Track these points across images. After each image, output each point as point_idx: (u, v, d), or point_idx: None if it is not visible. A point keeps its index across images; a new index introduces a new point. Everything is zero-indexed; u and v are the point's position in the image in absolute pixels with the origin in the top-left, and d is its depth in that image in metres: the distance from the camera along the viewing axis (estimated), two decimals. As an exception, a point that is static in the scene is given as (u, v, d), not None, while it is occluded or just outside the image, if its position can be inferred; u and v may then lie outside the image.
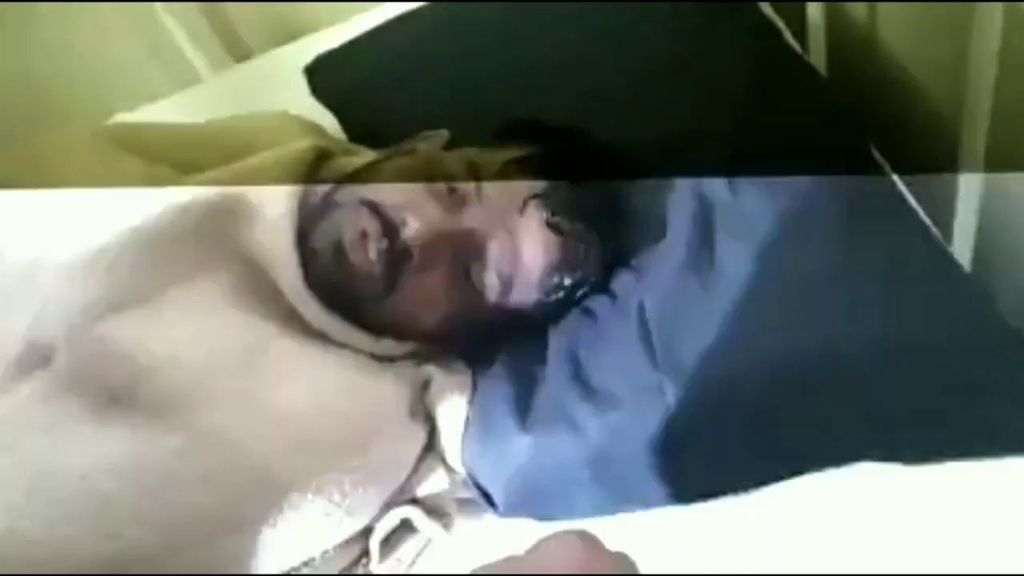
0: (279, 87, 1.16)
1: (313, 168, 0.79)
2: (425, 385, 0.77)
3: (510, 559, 0.51)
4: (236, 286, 0.72)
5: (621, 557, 0.50)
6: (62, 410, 0.67)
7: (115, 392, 0.67)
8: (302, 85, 1.13)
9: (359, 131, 1.04)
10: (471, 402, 0.77)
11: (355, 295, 0.73)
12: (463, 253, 0.75)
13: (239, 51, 1.34)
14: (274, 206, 0.74)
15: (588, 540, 0.51)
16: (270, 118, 0.95)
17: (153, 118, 1.08)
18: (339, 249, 0.73)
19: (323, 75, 1.12)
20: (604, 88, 0.93)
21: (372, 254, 0.72)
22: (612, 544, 0.52)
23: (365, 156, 0.87)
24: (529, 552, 0.50)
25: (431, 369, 0.78)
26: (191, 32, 1.29)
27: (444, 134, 0.84)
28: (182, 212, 0.72)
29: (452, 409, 0.76)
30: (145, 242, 0.71)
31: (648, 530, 0.70)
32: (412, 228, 0.72)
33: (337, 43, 1.16)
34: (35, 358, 0.68)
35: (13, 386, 0.68)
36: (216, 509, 0.66)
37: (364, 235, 0.72)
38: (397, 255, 0.72)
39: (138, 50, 1.30)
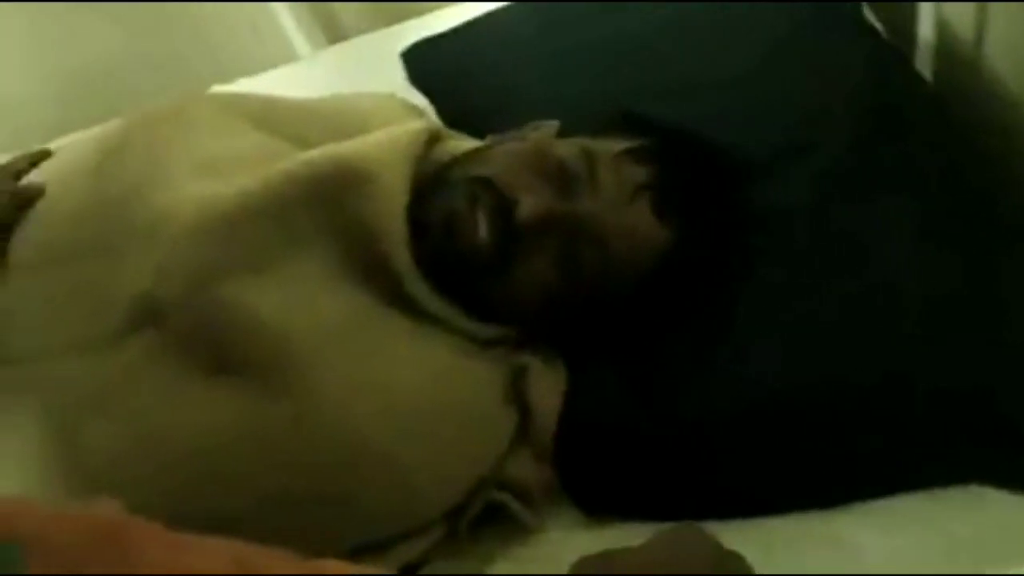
0: (374, 70, 1.17)
1: (426, 149, 0.80)
2: (521, 372, 0.77)
3: (631, 551, 0.50)
4: (346, 259, 0.73)
5: (739, 556, 0.50)
6: (173, 371, 0.68)
7: (227, 356, 0.68)
8: (397, 69, 1.15)
9: (455, 119, 1.04)
10: (565, 392, 0.77)
11: (462, 272, 0.74)
12: (573, 237, 0.74)
13: (337, 33, 1.36)
14: (388, 180, 0.74)
15: (710, 536, 0.51)
16: (379, 98, 0.96)
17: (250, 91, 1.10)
18: (450, 224, 0.73)
19: (421, 61, 1.13)
20: (707, 84, 0.93)
21: (483, 231, 0.72)
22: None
23: (472, 143, 0.88)
24: (653, 545, 0.50)
25: (528, 356, 0.78)
26: (294, 11, 1.30)
27: (555, 124, 0.85)
28: (301, 181, 0.73)
29: (547, 397, 0.76)
30: (265, 208, 0.72)
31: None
32: (525, 208, 0.73)
33: (434, 31, 1.18)
34: (147, 314, 0.70)
35: (122, 342, 0.70)
36: (319, 479, 0.67)
37: (476, 212, 0.73)
38: (508, 234, 0.73)
39: (240, 25, 1.33)
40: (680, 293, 0.79)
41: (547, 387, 0.77)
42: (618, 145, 0.79)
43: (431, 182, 0.77)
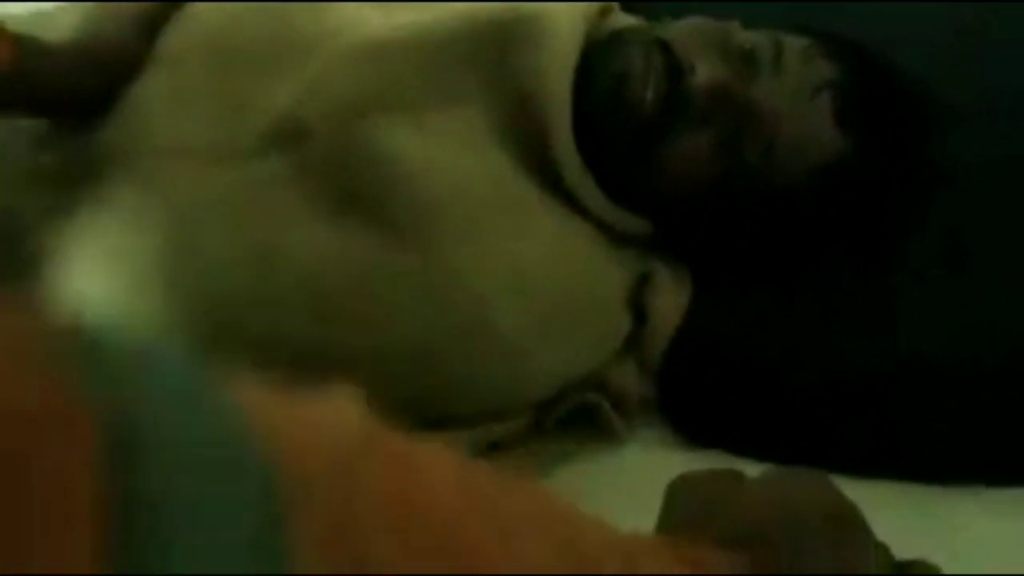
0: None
1: (599, 18, 0.75)
2: (646, 278, 0.73)
3: (741, 477, 0.46)
4: (501, 121, 0.69)
5: (860, 513, 0.46)
6: (304, 198, 0.66)
7: (361, 194, 0.66)
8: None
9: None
10: (686, 308, 0.73)
11: (619, 136, 0.69)
12: (742, 120, 0.69)
13: None
14: (560, 38, 0.69)
15: (833, 485, 0.47)
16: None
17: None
18: (619, 81, 0.68)
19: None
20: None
21: (650, 91, 0.68)
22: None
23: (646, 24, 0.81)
24: (768, 479, 0.46)
25: (656, 262, 0.74)
26: None
27: (735, 24, 0.78)
28: (471, 23, 0.69)
29: (666, 310, 0.73)
30: (429, 46, 0.69)
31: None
32: (700, 76, 0.68)
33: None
34: (289, 135, 0.67)
35: (259, 157, 0.68)
36: (429, 338, 0.65)
37: (648, 72, 0.68)
38: (675, 100, 0.68)
39: None
40: (839, 217, 0.73)
41: (669, 299, 0.73)
42: (808, 40, 0.73)
43: (602, 45, 0.72)
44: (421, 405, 0.67)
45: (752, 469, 0.68)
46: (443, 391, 0.67)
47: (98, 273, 0.64)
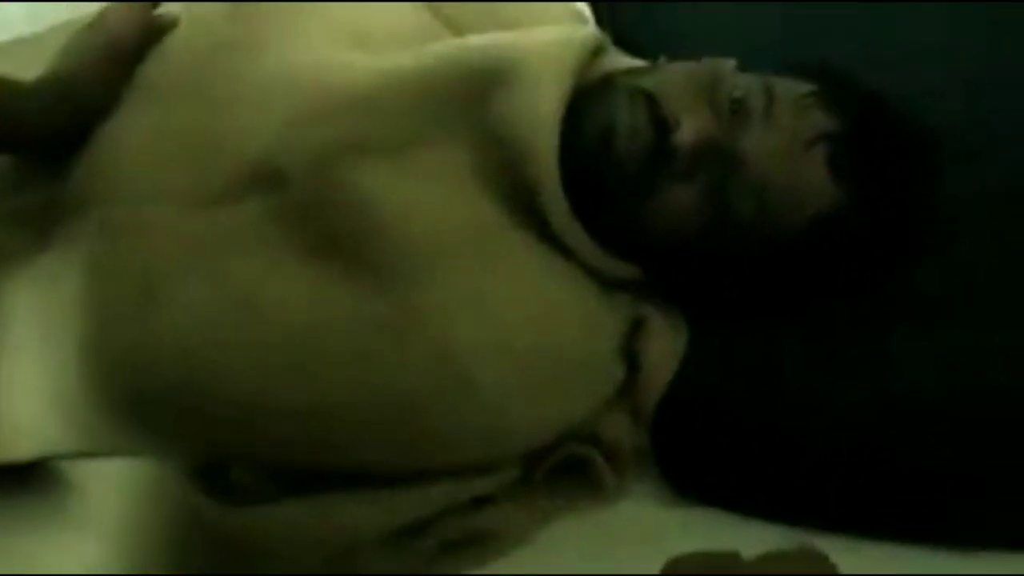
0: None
1: (591, 60, 0.73)
2: (639, 324, 0.71)
3: (737, 561, 0.43)
4: (485, 163, 0.67)
5: None
6: (280, 244, 0.64)
7: (339, 240, 0.63)
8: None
9: (617, 40, 0.96)
10: (682, 355, 0.70)
11: (604, 189, 0.67)
12: (730, 173, 0.67)
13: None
14: (547, 83, 0.67)
15: (828, 560, 0.44)
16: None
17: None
18: (607, 136, 0.66)
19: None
20: (917, 51, 0.82)
21: (635, 148, 0.66)
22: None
23: (637, 63, 0.80)
24: (766, 563, 0.43)
25: (649, 308, 0.71)
26: None
27: (731, 63, 0.76)
28: (455, 66, 0.67)
29: (660, 358, 0.70)
30: (412, 89, 0.66)
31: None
32: (684, 131, 0.66)
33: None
34: (265, 180, 0.65)
35: (234, 202, 0.65)
36: (404, 388, 0.62)
37: (632, 126, 0.66)
38: (660, 155, 0.66)
39: None
40: (834, 266, 0.71)
41: (663, 347, 0.70)
42: (805, 88, 0.71)
43: (589, 93, 0.70)
44: (402, 457, 0.64)
45: (751, 528, 0.67)
46: (422, 444, 0.64)
47: (61, 326, 0.62)
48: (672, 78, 0.70)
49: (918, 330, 0.69)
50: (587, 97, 0.69)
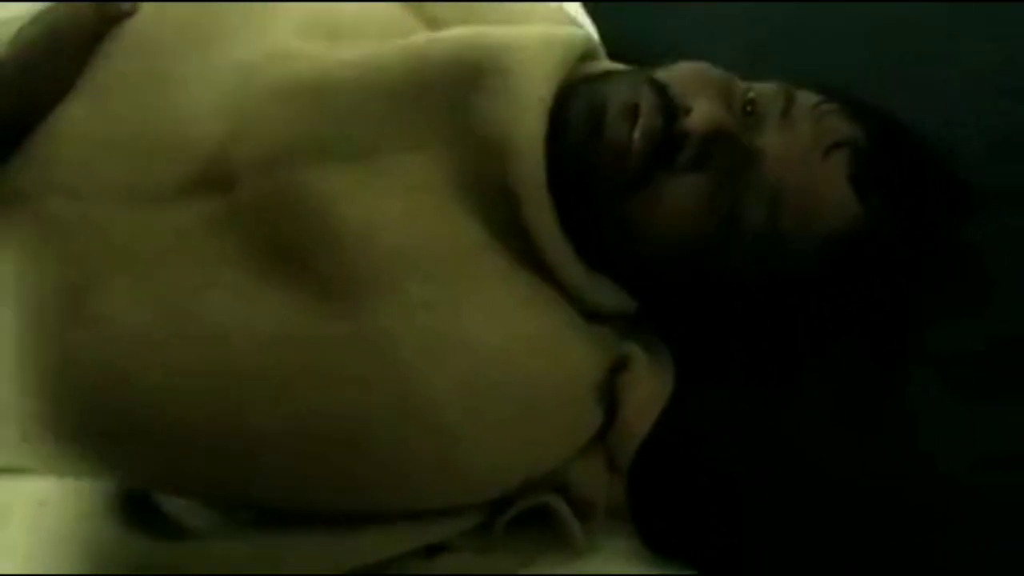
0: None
1: (579, 62, 0.66)
2: (622, 364, 0.64)
3: None
4: (462, 170, 0.61)
5: None
6: (226, 249, 0.58)
7: (291, 250, 0.57)
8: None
9: (615, 51, 0.91)
10: (668, 400, 0.64)
11: (597, 183, 0.60)
12: (742, 167, 0.60)
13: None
14: (531, 80, 0.61)
15: None
16: (539, 4, 0.82)
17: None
18: (598, 121, 0.59)
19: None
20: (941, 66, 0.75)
21: (637, 131, 0.58)
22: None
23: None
24: None
25: (634, 347, 0.64)
26: None
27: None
28: (424, 64, 0.61)
29: (642, 404, 0.63)
30: (379, 86, 0.60)
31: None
32: (699, 114, 0.59)
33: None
34: (213, 179, 0.59)
35: (180, 201, 0.59)
36: (352, 416, 0.56)
37: (634, 111, 0.59)
38: (668, 140, 0.59)
39: None
40: (850, 298, 0.64)
41: (646, 390, 0.64)
42: (823, 98, 0.65)
43: (582, 83, 0.63)
44: (348, 495, 0.58)
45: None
46: (371, 481, 0.57)
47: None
48: (682, 73, 0.63)
49: (944, 390, 0.61)
50: (575, 89, 0.62)
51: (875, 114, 0.66)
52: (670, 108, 0.59)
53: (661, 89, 0.60)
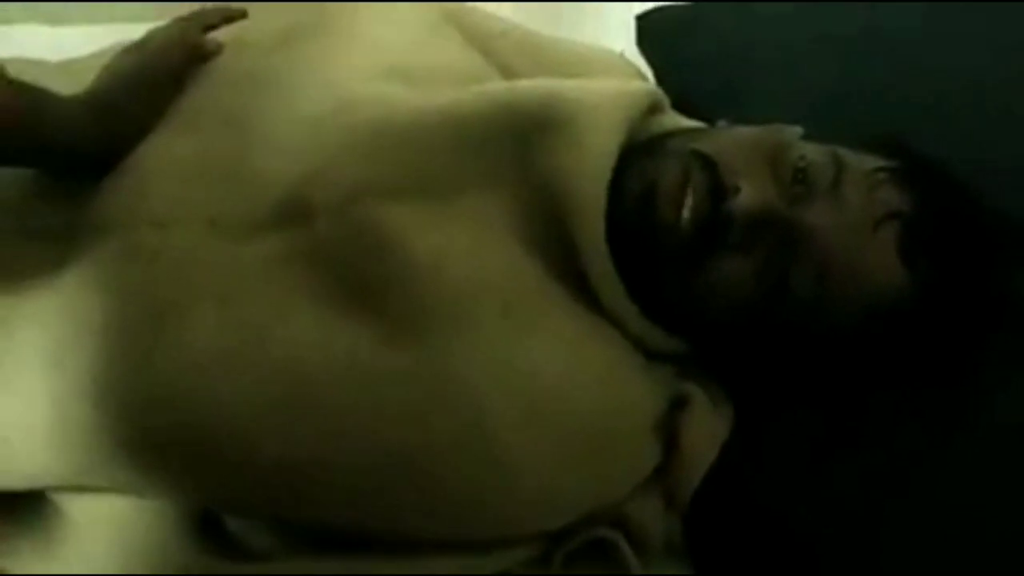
0: (600, 25, 1.07)
1: (646, 116, 0.69)
2: (681, 403, 0.65)
3: None
4: (528, 214, 0.63)
5: None
6: (303, 281, 0.60)
7: (366, 283, 0.59)
8: (627, 31, 1.03)
9: (676, 102, 0.92)
10: (724, 439, 0.65)
11: (650, 255, 0.62)
12: (789, 249, 0.61)
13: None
14: (599, 134, 0.63)
15: None
16: (604, 52, 0.85)
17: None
18: (651, 196, 0.61)
19: (657, 28, 1.00)
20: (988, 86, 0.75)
21: (687, 211, 0.60)
22: None
23: (695, 124, 0.75)
24: None
25: (693, 387, 0.66)
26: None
27: (798, 130, 0.71)
28: (503, 108, 0.63)
29: (701, 443, 0.64)
30: (454, 130, 0.63)
31: None
32: (744, 197, 0.60)
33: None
34: (292, 214, 0.62)
35: (261, 234, 0.62)
36: (415, 447, 0.57)
37: (684, 187, 0.61)
38: (716, 222, 0.60)
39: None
40: (903, 363, 0.64)
41: (705, 430, 0.65)
42: (877, 162, 0.65)
43: (646, 144, 0.65)
44: (411, 524, 0.59)
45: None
46: (434, 510, 0.59)
47: (71, 351, 0.59)
48: (731, 141, 0.65)
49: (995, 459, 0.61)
50: (636, 154, 0.64)
51: (929, 173, 0.66)
52: (718, 189, 0.61)
53: (711, 166, 0.62)
